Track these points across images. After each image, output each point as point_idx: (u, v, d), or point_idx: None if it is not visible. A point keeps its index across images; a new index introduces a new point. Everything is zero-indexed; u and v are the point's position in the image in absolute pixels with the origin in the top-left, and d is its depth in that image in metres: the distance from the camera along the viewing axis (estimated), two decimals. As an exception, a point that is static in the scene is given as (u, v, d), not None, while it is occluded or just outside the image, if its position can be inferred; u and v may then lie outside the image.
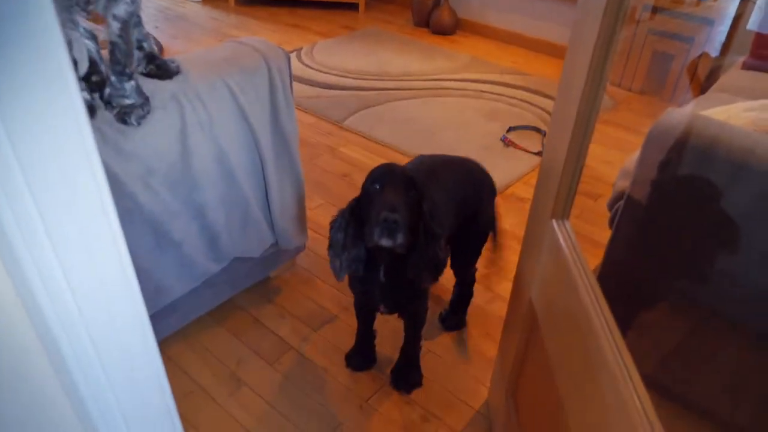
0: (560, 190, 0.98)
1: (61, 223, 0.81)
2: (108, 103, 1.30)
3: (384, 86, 3.32)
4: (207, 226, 1.54)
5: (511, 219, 2.24)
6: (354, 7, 4.60)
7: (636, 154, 1.49)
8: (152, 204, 1.40)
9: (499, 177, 2.48)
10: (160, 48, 3.40)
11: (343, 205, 1.30)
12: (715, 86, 2.41)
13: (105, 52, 1.34)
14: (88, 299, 0.88)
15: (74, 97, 0.75)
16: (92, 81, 1.33)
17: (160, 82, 1.41)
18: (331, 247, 1.27)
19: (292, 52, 3.76)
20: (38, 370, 0.84)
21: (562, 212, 0.98)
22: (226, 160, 1.50)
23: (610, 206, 1.68)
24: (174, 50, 3.66)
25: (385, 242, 1.15)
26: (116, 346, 0.86)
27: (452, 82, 3.42)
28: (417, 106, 3.12)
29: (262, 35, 4.06)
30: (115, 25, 1.28)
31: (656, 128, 1.31)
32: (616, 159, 2.68)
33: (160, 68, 1.43)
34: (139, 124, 1.30)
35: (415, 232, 1.22)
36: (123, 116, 1.29)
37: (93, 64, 1.32)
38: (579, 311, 0.84)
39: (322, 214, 2.22)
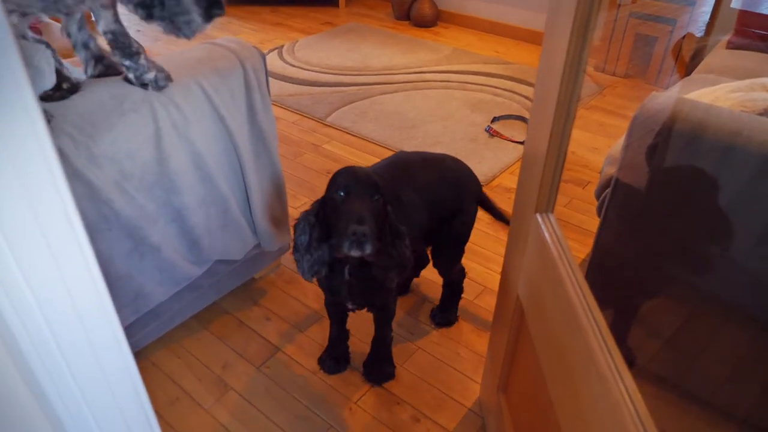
0: (543, 183, 0.96)
1: (25, 238, 0.78)
2: (141, 84, 1.35)
3: (366, 81, 3.28)
4: (186, 230, 1.50)
5: (498, 210, 2.22)
6: (334, 2, 4.55)
7: (620, 141, 1.47)
8: (128, 209, 1.36)
9: (485, 168, 2.46)
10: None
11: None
12: (700, 67, 2.39)
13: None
14: (58, 315, 0.84)
15: (33, 112, 0.71)
16: (63, 89, 1.30)
17: (132, 86, 1.37)
18: (295, 249, 1.27)
19: (273, 50, 3.71)
20: (10, 388, 0.80)
21: (546, 205, 0.95)
22: (203, 162, 1.46)
23: (598, 194, 1.65)
24: (155, 52, 3.59)
25: (354, 253, 1.16)
26: (90, 361, 0.83)
27: (435, 74, 3.39)
28: (400, 99, 3.08)
29: (244, 34, 4.02)
30: (108, 14, 1.31)
31: (641, 113, 1.29)
32: (602, 145, 2.65)
33: (110, 68, 1.41)
34: (170, 81, 1.37)
35: (380, 232, 1.22)
36: (157, 85, 1.35)
37: (59, 73, 1.29)
38: (566, 307, 0.81)
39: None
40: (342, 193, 1.19)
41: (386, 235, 1.24)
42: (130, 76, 1.35)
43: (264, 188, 1.67)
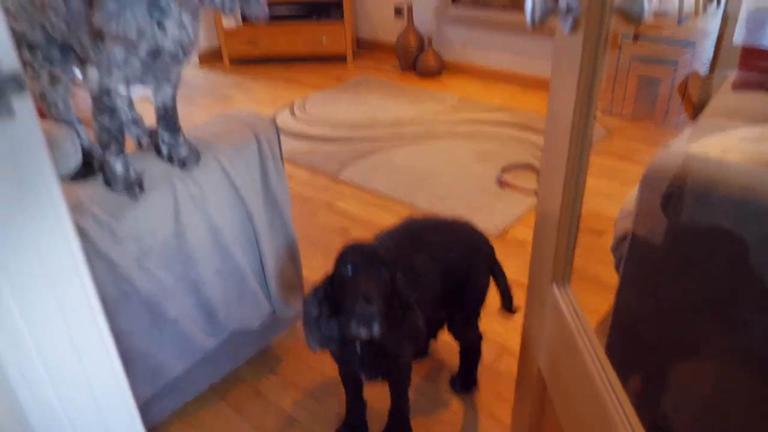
0: (558, 250, 0.96)
1: (45, 319, 0.80)
2: (169, 159, 1.41)
3: (376, 135, 3.34)
4: (203, 302, 1.51)
5: (513, 264, 2.20)
6: (343, 58, 4.67)
7: (634, 193, 1.47)
8: (147, 285, 1.38)
9: (497, 220, 2.47)
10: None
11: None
12: (706, 110, 2.40)
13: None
14: (73, 395, 0.85)
15: (57, 200, 0.75)
16: (93, 167, 1.36)
17: (152, 162, 1.41)
18: (305, 323, 1.28)
19: (285, 107, 3.80)
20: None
21: (563, 276, 0.95)
22: (219, 233, 1.49)
23: (614, 249, 1.64)
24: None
25: (363, 334, 1.15)
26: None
27: (443, 125, 3.44)
28: (410, 152, 3.12)
29: (257, 92, 4.12)
30: (170, 90, 1.39)
31: (650, 172, 1.29)
32: (615, 191, 2.66)
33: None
34: (196, 165, 1.42)
35: (390, 306, 1.22)
36: (184, 164, 1.41)
37: (88, 153, 1.35)
38: (586, 383, 0.80)
39: (322, 274, 2.18)
40: (349, 271, 1.20)
41: (396, 308, 1.24)
42: (164, 149, 1.40)
43: (278, 254, 1.68)
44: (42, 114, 1.39)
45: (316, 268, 2.20)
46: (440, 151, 3.12)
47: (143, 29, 1.14)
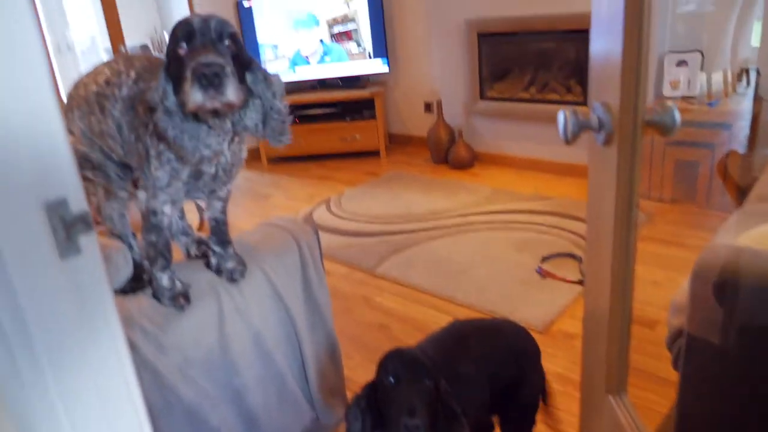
0: (610, 359, 0.93)
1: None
2: (217, 271, 1.46)
3: (411, 228, 3.37)
4: (245, 410, 1.50)
5: (561, 358, 2.14)
6: (376, 153, 4.82)
7: (684, 286, 1.43)
8: (191, 393, 1.38)
9: (540, 313, 2.41)
10: (202, 214, 3.55)
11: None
12: (751, 195, 2.35)
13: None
14: None
15: (117, 334, 0.77)
16: (143, 280, 1.40)
17: (199, 272, 1.46)
18: None
19: (321, 203, 3.89)
20: None
21: (618, 386, 0.92)
22: (262, 340, 1.50)
23: (669, 345, 1.58)
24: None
25: None
26: None
27: (478, 216, 3.46)
28: (446, 245, 3.13)
29: (294, 190, 4.25)
30: (219, 205, 1.45)
31: (700, 267, 1.26)
32: (662, 278, 2.59)
33: (206, 249, 1.53)
34: (243, 277, 1.47)
35: (435, 416, 1.19)
36: (231, 277, 1.45)
37: (136, 267, 1.40)
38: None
39: (362, 373, 2.15)
40: (391, 380, 1.18)
41: (440, 418, 1.21)
42: (213, 261, 1.45)
43: (319, 357, 1.67)
44: (96, 221, 1.46)
45: (355, 367, 2.17)
46: (477, 243, 3.12)
47: (193, 154, 1.21)
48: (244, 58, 1.19)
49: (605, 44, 0.81)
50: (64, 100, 1.43)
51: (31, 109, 0.65)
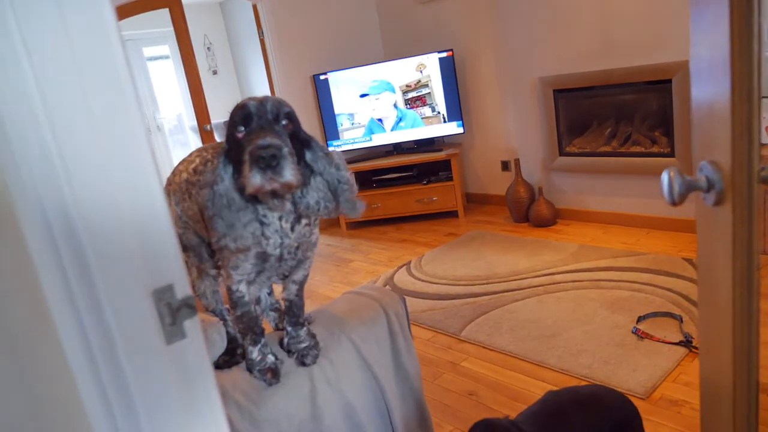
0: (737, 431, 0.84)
1: None
2: (288, 351, 1.46)
3: (495, 289, 3.29)
4: (339, 485, 1.46)
5: (667, 429, 1.96)
6: (454, 214, 4.81)
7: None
8: (285, 469, 1.36)
9: (641, 378, 2.25)
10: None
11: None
12: None
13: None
14: None
15: (218, 413, 0.77)
16: (237, 354, 1.43)
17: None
18: None
19: (402, 266, 3.89)
20: None
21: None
22: (353, 412, 1.48)
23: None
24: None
25: None
26: None
27: (564, 275, 3.33)
28: (533, 305, 3.02)
29: (373, 254, 4.29)
30: (294, 288, 1.47)
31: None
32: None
33: None
34: (314, 362, 1.45)
35: None
36: (302, 359, 1.44)
37: (231, 341, 1.43)
38: None
39: (454, 444, 2.06)
40: None
41: None
42: (285, 341, 1.46)
43: (411, 429, 1.62)
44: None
45: (447, 439, 2.09)
46: (566, 303, 2.99)
47: (249, 238, 1.23)
48: (302, 136, 1.22)
49: (709, 95, 0.77)
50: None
51: (139, 195, 0.68)
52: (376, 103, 4.88)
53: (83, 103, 0.61)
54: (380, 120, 4.91)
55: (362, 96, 4.85)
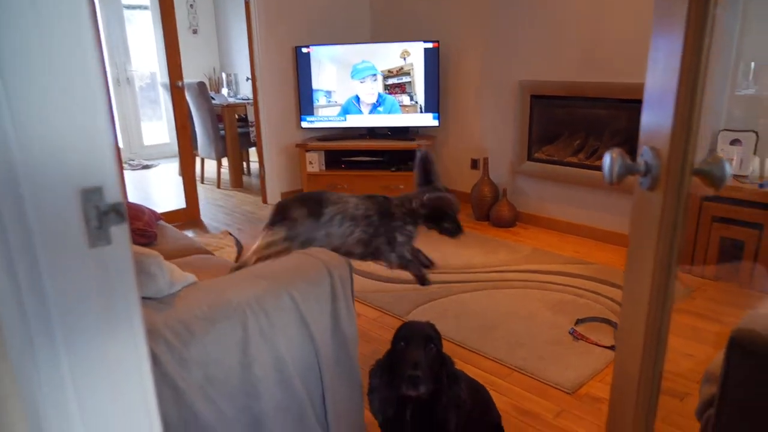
0: (636, 427, 0.88)
1: None
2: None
3: (447, 279, 3.34)
4: (261, 437, 1.47)
5: (587, 423, 2.04)
6: (417, 203, 4.82)
7: (720, 356, 1.36)
8: (208, 413, 1.37)
9: (571, 375, 2.32)
10: (240, 248, 3.61)
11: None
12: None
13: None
14: None
15: (139, 339, 0.77)
16: None
17: (227, 290, 1.46)
18: (369, 391, 1.48)
19: (357, 247, 3.90)
20: None
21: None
22: (284, 367, 1.49)
23: (699, 414, 1.50)
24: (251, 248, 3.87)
25: (410, 392, 1.37)
26: None
27: (515, 273, 3.40)
28: (480, 298, 3.08)
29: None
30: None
31: (737, 336, 1.20)
32: (697, 351, 2.48)
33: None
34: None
35: (438, 378, 1.44)
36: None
37: None
38: None
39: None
40: (402, 344, 1.45)
41: (444, 379, 1.44)
42: None
43: (342, 394, 1.64)
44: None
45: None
46: (511, 299, 3.06)
47: None
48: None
49: (660, 83, 0.80)
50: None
51: (80, 94, 0.67)
52: (361, 85, 4.86)
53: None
54: (357, 101, 4.90)
55: (353, 78, 4.82)
